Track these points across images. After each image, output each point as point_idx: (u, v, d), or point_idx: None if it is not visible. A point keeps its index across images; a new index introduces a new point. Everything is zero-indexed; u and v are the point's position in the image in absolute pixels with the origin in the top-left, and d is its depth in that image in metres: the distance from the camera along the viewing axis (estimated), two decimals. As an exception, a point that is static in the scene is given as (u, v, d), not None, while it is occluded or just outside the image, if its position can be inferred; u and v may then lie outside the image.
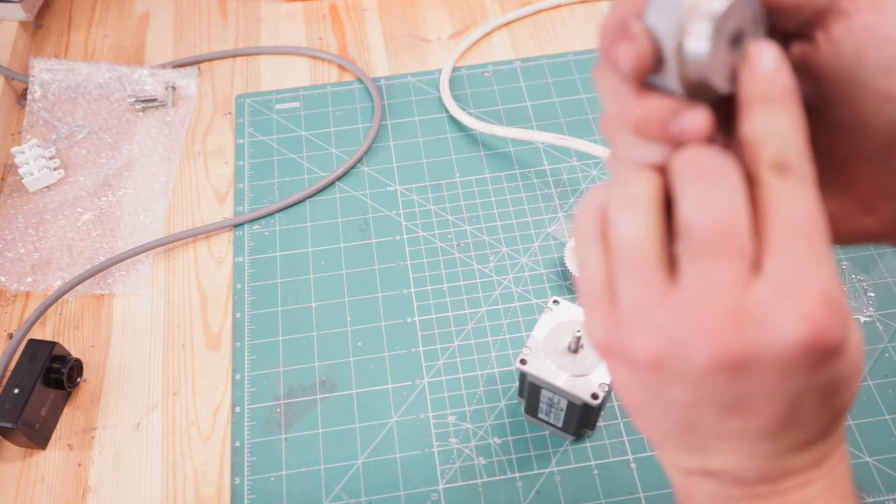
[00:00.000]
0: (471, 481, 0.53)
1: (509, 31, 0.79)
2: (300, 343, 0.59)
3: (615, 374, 0.28)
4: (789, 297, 0.23)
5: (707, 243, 0.23)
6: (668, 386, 0.25)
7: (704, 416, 0.26)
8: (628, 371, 0.26)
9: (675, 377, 0.25)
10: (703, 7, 0.23)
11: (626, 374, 0.27)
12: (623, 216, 0.25)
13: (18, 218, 0.66)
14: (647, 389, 0.26)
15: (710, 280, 0.23)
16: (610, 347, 0.26)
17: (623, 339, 0.25)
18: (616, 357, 0.26)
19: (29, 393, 0.53)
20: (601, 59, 0.26)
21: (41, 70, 0.74)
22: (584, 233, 0.27)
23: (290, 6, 0.82)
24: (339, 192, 0.68)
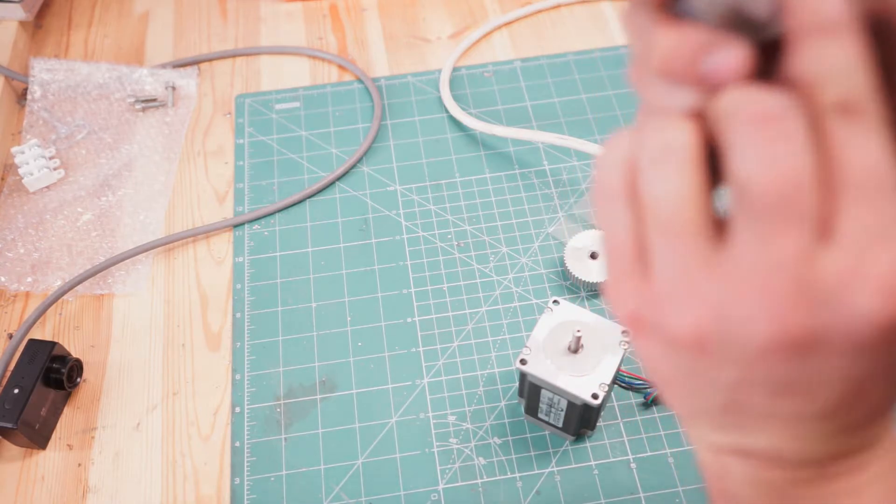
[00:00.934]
0: (471, 481, 0.53)
1: (509, 31, 0.79)
2: (300, 343, 0.59)
3: (644, 350, 0.24)
4: (866, 268, 0.19)
5: (769, 205, 0.19)
6: (711, 366, 0.22)
7: (751, 396, 0.23)
8: (662, 348, 0.23)
9: (723, 357, 0.22)
10: None
11: (659, 351, 0.23)
12: (660, 173, 0.21)
13: (18, 218, 0.66)
14: (684, 368, 0.23)
15: (770, 247, 0.20)
16: (641, 321, 0.23)
17: (659, 314, 0.22)
18: (648, 332, 0.23)
19: (29, 393, 0.53)
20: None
21: (41, 70, 0.74)
22: (608, 190, 0.23)
23: (290, 6, 0.82)
24: (339, 192, 0.68)
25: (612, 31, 0.78)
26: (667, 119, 0.21)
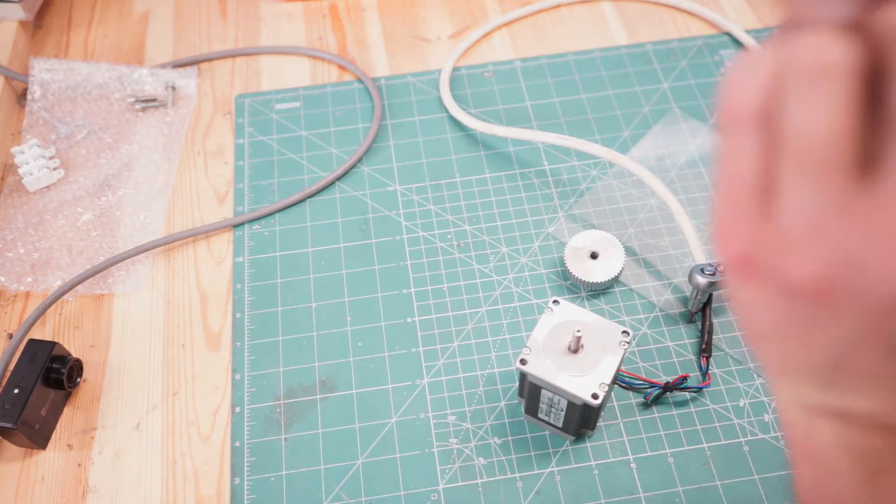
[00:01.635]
0: (471, 481, 0.53)
1: (509, 31, 0.79)
2: (300, 343, 0.59)
3: (749, 296, 0.22)
4: None
5: None
6: (830, 317, 0.20)
7: (868, 354, 0.21)
8: (772, 295, 0.21)
9: (846, 309, 0.20)
10: None
11: (768, 299, 0.21)
12: (812, 97, 0.18)
13: (18, 218, 0.66)
14: (797, 318, 0.21)
15: None
16: (753, 263, 0.21)
17: (779, 257, 0.20)
18: (759, 275, 0.21)
19: (29, 393, 0.53)
20: None
21: (41, 70, 0.74)
22: (739, 110, 0.20)
23: (290, 6, 0.82)
24: (339, 192, 0.68)
25: (612, 31, 0.78)
26: (824, 34, 0.18)
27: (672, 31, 0.78)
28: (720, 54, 0.76)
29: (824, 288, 0.19)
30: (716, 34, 0.78)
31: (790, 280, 0.20)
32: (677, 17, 0.80)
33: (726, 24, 0.77)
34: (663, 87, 0.73)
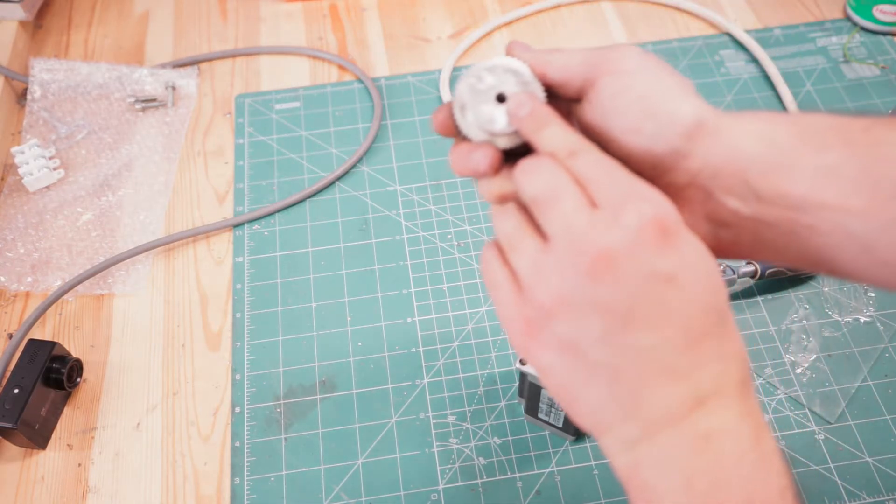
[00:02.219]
0: (471, 481, 0.53)
1: (509, 31, 0.79)
2: (300, 343, 0.59)
3: (540, 360, 0.31)
4: (624, 203, 0.29)
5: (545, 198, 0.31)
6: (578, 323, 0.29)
7: (617, 349, 0.29)
8: (548, 343, 0.30)
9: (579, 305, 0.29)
10: (461, 88, 0.34)
11: (549, 350, 0.30)
12: (499, 221, 0.33)
13: (18, 218, 0.66)
14: (567, 351, 0.30)
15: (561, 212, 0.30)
16: (529, 322, 0.31)
17: (533, 304, 0.30)
18: (535, 326, 0.31)
19: (29, 393, 0.53)
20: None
21: (41, 70, 0.74)
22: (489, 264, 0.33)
23: (290, 6, 0.82)
24: (339, 192, 0.68)
25: (612, 31, 0.78)
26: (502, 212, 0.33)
27: (672, 31, 0.78)
28: (720, 54, 0.76)
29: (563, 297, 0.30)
30: (716, 34, 0.78)
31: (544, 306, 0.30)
32: (677, 17, 0.80)
33: (726, 24, 0.77)
34: (663, 87, 0.73)
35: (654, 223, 0.29)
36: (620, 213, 0.29)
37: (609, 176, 0.30)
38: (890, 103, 0.71)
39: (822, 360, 0.57)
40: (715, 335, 0.29)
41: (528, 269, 0.31)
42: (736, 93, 0.73)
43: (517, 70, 0.34)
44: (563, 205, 0.30)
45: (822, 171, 0.30)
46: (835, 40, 0.76)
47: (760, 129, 0.32)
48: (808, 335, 0.58)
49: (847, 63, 0.74)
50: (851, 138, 0.31)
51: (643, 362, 0.29)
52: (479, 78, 0.34)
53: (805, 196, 0.31)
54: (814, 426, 0.54)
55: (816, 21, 0.78)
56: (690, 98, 0.32)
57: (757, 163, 0.31)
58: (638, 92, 0.32)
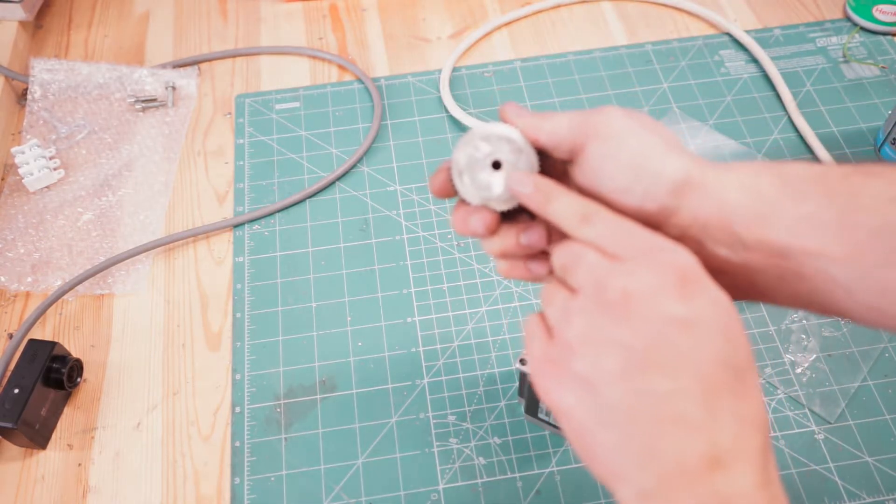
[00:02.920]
0: (471, 481, 0.53)
1: (509, 31, 0.79)
2: (300, 343, 0.59)
3: (560, 400, 0.32)
4: (645, 254, 0.31)
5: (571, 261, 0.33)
6: (596, 360, 0.31)
7: (632, 391, 0.30)
8: (568, 381, 0.31)
9: (598, 343, 0.31)
10: (458, 156, 0.36)
11: (569, 389, 0.31)
12: (542, 293, 0.36)
13: (18, 218, 0.66)
14: (585, 390, 0.31)
15: (586, 265, 0.32)
16: (552, 362, 0.32)
17: (558, 345, 0.32)
18: (557, 365, 0.32)
19: (29, 393, 0.53)
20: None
21: (41, 70, 0.74)
22: (529, 323, 0.36)
23: (290, 6, 0.82)
24: (339, 192, 0.68)
25: (612, 31, 0.78)
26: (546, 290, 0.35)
27: (672, 31, 0.78)
28: (720, 54, 0.76)
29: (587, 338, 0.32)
30: (716, 34, 0.78)
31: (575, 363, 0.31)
32: (677, 17, 0.80)
33: (726, 24, 0.77)
34: (663, 87, 0.73)
35: (675, 271, 0.30)
36: (641, 261, 0.31)
37: (626, 232, 0.32)
38: (890, 103, 0.71)
39: (822, 359, 0.57)
40: (732, 392, 0.30)
41: (557, 316, 0.33)
42: (736, 93, 0.73)
43: (511, 138, 0.36)
44: (586, 259, 0.32)
45: (803, 219, 0.32)
46: (835, 40, 0.76)
47: (744, 179, 0.33)
48: (807, 335, 0.58)
49: (847, 63, 0.74)
50: (830, 187, 0.32)
51: (657, 408, 0.29)
52: (475, 147, 0.36)
53: (787, 244, 0.32)
54: (813, 426, 0.54)
55: (816, 21, 0.78)
56: (676, 154, 0.34)
57: (741, 213, 0.33)
58: (625, 155, 0.34)
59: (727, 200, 0.33)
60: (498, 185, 0.36)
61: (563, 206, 0.34)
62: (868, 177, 0.32)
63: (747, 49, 0.76)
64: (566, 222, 0.34)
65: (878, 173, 0.32)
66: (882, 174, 0.32)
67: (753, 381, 0.30)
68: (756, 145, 0.69)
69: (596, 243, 0.32)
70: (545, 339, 0.33)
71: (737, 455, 0.29)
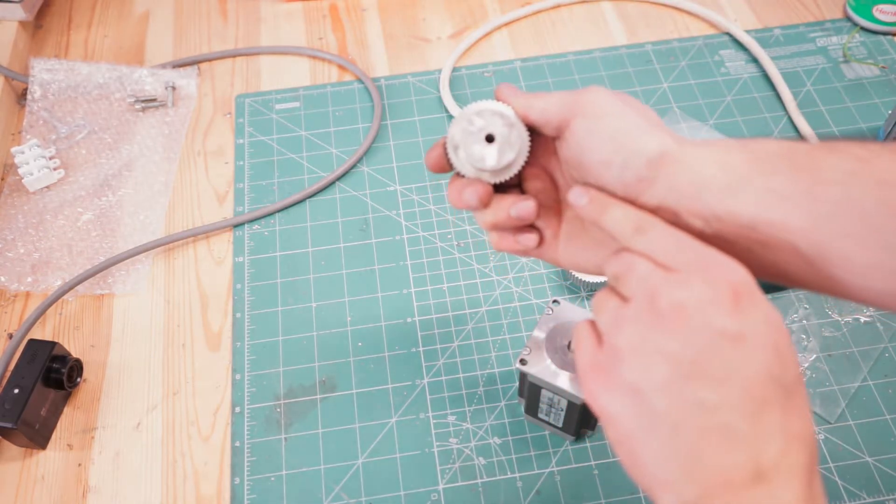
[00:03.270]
0: (471, 481, 0.53)
1: (509, 31, 0.79)
2: (300, 343, 0.59)
3: (607, 405, 0.32)
4: (698, 267, 0.32)
5: (623, 270, 0.34)
6: (645, 369, 0.31)
7: (679, 401, 0.30)
8: (615, 387, 0.32)
9: (648, 352, 0.31)
10: (454, 130, 0.38)
11: (616, 395, 0.32)
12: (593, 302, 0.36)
13: (18, 218, 0.66)
14: (632, 397, 0.31)
15: (638, 275, 0.33)
16: (601, 368, 0.33)
17: (608, 351, 0.33)
18: (605, 371, 0.33)
19: (29, 393, 0.53)
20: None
21: (41, 70, 0.74)
22: (578, 328, 0.36)
23: (290, 6, 0.82)
24: (339, 192, 0.68)
25: (612, 31, 0.78)
26: (598, 297, 0.35)
27: (672, 31, 0.78)
28: (720, 54, 0.76)
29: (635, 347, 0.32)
30: (716, 34, 0.78)
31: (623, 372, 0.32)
32: (677, 17, 0.80)
33: (726, 24, 0.77)
34: (663, 87, 0.73)
35: (728, 285, 0.31)
36: (694, 274, 0.31)
37: (680, 244, 0.33)
38: (889, 103, 0.71)
39: (822, 359, 0.57)
40: (779, 407, 0.30)
41: (608, 322, 0.33)
42: (736, 93, 0.73)
43: (503, 113, 0.38)
44: (639, 269, 0.33)
45: (770, 192, 0.33)
46: (835, 40, 0.76)
47: (717, 154, 0.35)
48: (808, 335, 0.58)
49: (847, 63, 0.74)
50: (796, 162, 0.34)
51: (703, 419, 0.30)
52: (469, 121, 0.38)
53: (755, 215, 0.33)
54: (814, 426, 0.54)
55: (816, 21, 0.78)
56: (654, 131, 0.35)
57: (713, 185, 0.34)
58: (607, 130, 0.36)
59: (700, 173, 0.34)
60: (491, 157, 0.37)
61: (617, 217, 0.35)
62: (831, 152, 0.33)
63: (747, 49, 0.76)
64: (620, 232, 0.35)
65: (841, 149, 0.33)
66: (845, 149, 0.33)
67: (801, 398, 0.31)
68: (756, 145, 0.69)
69: (649, 254, 0.33)
70: (595, 346, 0.34)
71: (781, 470, 0.29)
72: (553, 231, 0.41)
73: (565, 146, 0.38)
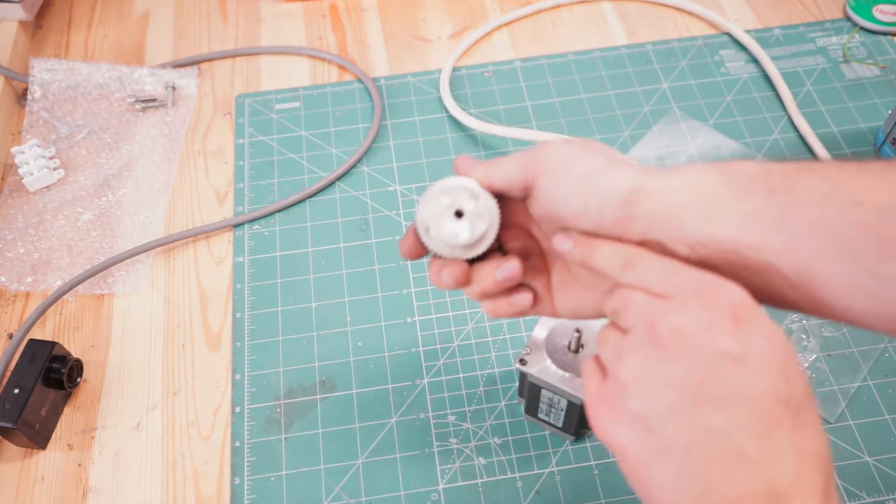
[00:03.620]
0: (471, 481, 0.53)
1: (509, 31, 0.79)
2: (300, 343, 0.59)
3: (616, 437, 0.32)
4: (694, 292, 0.32)
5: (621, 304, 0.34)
6: (650, 397, 0.31)
7: (687, 426, 0.30)
8: (623, 419, 0.32)
9: (652, 380, 0.31)
10: (421, 212, 0.39)
11: (624, 426, 0.32)
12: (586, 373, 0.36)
13: (18, 218, 0.66)
14: (640, 426, 0.31)
15: (636, 306, 0.33)
16: (607, 400, 0.33)
17: (612, 383, 0.33)
18: (612, 403, 0.33)
19: (29, 393, 0.53)
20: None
21: (41, 70, 0.74)
22: (586, 363, 0.36)
23: (290, 6, 0.82)
24: (339, 192, 0.68)
25: (612, 31, 0.78)
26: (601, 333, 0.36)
27: (672, 31, 0.78)
28: (720, 54, 0.76)
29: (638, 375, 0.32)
30: (716, 34, 0.78)
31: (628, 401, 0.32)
32: (677, 17, 0.80)
33: (726, 24, 0.77)
34: (663, 87, 0.73)
35: (727, 307, 0.31)
36: (690, 298, 0.31)
37: (670, 271, 0.33)
38: (889, 103, 0.71)
39: (822, 359, 0.57)
40: (789, 426, 0.30)
41: (610, 355, 0.33)
42: (736, 93, 0.73)
43: (467, 186, 0.38)
44: (634, 300, 0.33)
45: (748, 215, 0.33)
46: (835, 40, 0.76)
47: (691, 180, 0.35)
48: (807, 335, 0.58)
49: (847, 63, 0.74)
50: (772, 184, 0.33)
51: (712, 443, 0.29)
52: (435, 200, 0.38)
53: (735, 239, 0.33)
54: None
55: (816, 21, 0.78)
56: (619, 169, 0.36)
57: (691, 211, 0.34)
58: (572, 180, 0.36)
59: (676, 201, 0.34)
60: (463, 233, 0.38)
61: (605, 255, 0.35)
62: (806, 173, 0.33)
63: (747, 49, 0.76)
64: (610, 269, 0.35)
65: (817, 170, 0.33)
66: (820, 171, 0.33)
67: (812, 415, 0.31)
68: (756, 145, 0.69)
69: (643, 285, 0.33)
70: (600, 380, 0.34)
71: (797, 492, 0.29)
72: (544, 286, 0.41)
73: (536, 205, 0.38)
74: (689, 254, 0.34)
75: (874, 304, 0.32)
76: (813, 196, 0.32)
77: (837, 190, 0.32)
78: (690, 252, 0.34)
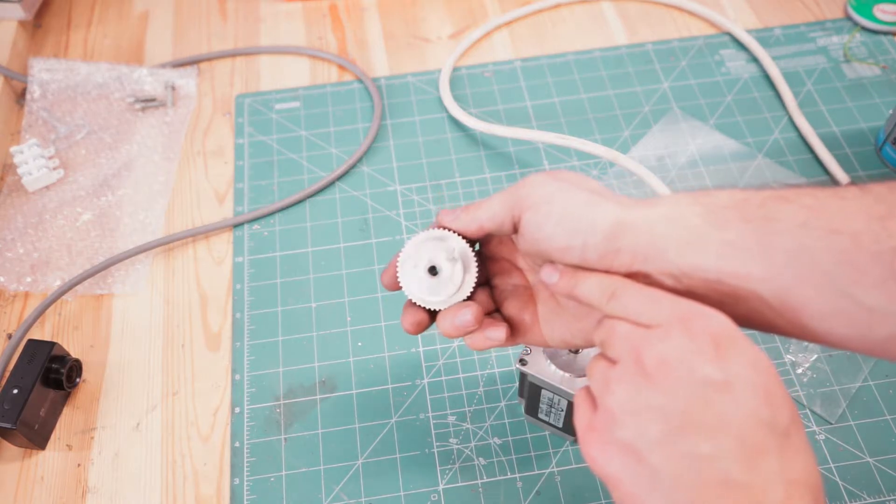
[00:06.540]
0: (471, 481, 0.53)
1: (509, 31, 0.79)
2: (300, 343, 0.59)
3: (607, 468, 0.32)
4: (676, 320, 0.32)
5: (606, 335, 0.35)
6: (638, 427, 0.31)
7: (675, 455, 0.30)
8: (613, 449, 0.32)
9: (638, 410, 0.31)
10: (400, 266, 0.41)
11: (615, 457, 0.32)
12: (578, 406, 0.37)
13: (18, 218, 0.66)
14: (629, 457, 0.31)
15: (620, 336, 0.34)
16: (597, 431, 0.33)
17: (602, 414, 0.33)
18: (601, 434, 0.33)
19: (28, 393, 0.53)
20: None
21: (40, 70, 0.74)
22: (577, 396, 0.36)
23: (290, 6, 0.82)
24: (339, 192, 0.68)
25: (612, 31, 0.78)
26: (590, 365, 0.36)
27: (672, 31, 0.78)
28: (720, 54, 0.76)
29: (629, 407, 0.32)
30: (716, 34, 0.77)
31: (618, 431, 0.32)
32: (677, 17, 0.80)
33: (726, 23, 0.77)
34: (663, 86, 0.73)
35: (709, 334, 0.31)
36: (673, 327, 0.32)
37: (653, 301, 0.33)
38: (890, 103, 0.71)
39: (823, 360, 0.57)
40: (775, 452, 0.30)
41: (598, 386, 0.34)
42: (736, 93, 0.72)
43: (444, 239, 0.40)
44: (619, 331, 0.34)
45: (727, 244, 0.34)
46: (835, 40, 0.76)
47: (669, 212, 0.35)
48: (808, 335, 0.58)
49: (847, 63, 0.74)
50: (749, 213, 0.34)
51: (701, 471, 0.30)
52: (413, 261, 0.40)
53: (718, 268, 0.34)
54: (814, 426, 0.54)
55: (817, 21, 0.78)
56: (600, 204, 0.36)
57: (672, 242, 0.35)
58: (556, 216, 0.36)
59: (657, 234, 0.35)
60: (434, 293, 0.40)
61: (591, 286, 0.36)
62: (782, 202, 0.34)
63: (748, 49, 0.76)
64: (596, 301, 0.35)
65: (792, 199, 0.34)
66: (795, 199, 0.34)
67: (800, 440, 0.31)
68: (757, 145, 0.69)
69: (628, 316, 0.34)
70: (590, 410, 0.34)
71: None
72: (531, 316, 0.41)
73: (522, 241, 0.39)
74: (675, 284, 0.35)
75: (855, 329, 0.33)
76: (788, 224, 0.33)
77: (813, 218, 0.33)
78: (676, 282, 0.35)
